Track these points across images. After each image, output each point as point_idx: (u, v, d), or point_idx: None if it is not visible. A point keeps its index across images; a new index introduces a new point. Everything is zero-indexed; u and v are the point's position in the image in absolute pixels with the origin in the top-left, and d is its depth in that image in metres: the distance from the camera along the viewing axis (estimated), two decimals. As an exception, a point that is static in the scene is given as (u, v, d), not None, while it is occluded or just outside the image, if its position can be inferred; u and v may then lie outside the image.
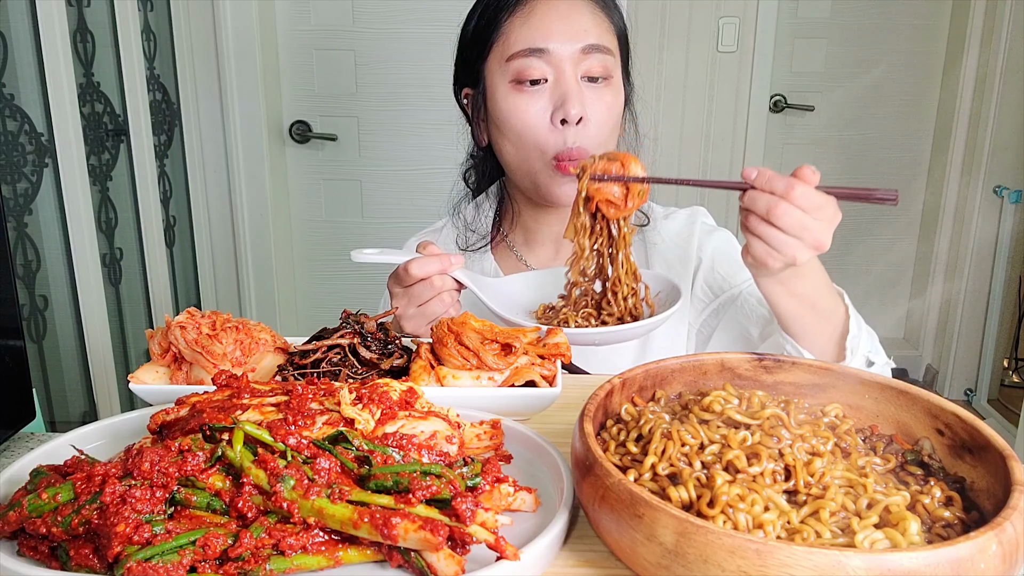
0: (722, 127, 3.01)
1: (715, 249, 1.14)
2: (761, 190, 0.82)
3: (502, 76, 1.06)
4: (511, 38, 1.05)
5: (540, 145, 1.05)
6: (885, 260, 3.37)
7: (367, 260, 0.96)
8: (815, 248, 0.82)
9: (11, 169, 1.74)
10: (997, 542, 0.46)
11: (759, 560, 0.45)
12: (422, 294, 0.95)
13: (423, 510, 0.52)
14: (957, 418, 0.60)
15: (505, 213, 1.23)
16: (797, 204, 0.80)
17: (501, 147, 1.11)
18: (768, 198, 0.81)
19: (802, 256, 0.82)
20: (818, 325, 0.92)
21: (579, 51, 1.03)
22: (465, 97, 1.17)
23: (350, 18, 2.73)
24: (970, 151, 3.04)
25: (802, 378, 0.69)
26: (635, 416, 0.64)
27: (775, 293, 0.91)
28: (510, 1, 1.06)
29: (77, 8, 1.99)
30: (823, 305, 0.92)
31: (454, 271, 0.96)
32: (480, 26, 1.10)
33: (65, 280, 1.93)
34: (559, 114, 1.03)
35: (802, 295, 0.90)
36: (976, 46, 2.96)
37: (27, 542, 0.54)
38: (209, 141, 2.69)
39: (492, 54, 1.08)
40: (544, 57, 1.03)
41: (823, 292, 0.92)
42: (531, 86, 1.04)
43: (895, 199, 0.82)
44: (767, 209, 0.81)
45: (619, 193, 0.91)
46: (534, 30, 1.03)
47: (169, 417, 0.64)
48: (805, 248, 0.82)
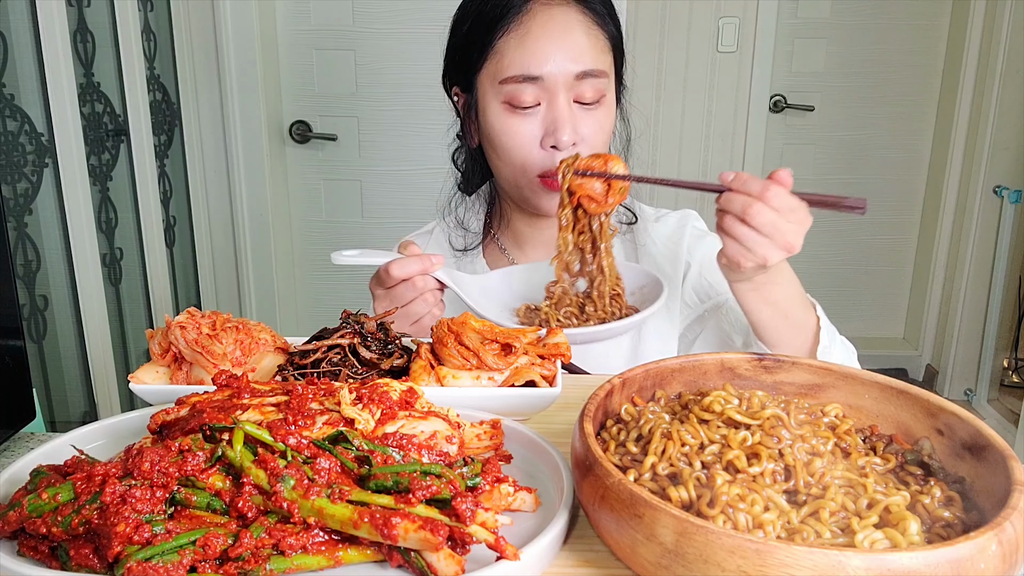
0: (722, 127, 3.02)
1: (704, 255, 1.15)
2: (737, 191, 0.84)
3: (494, 96, 1.06)
4: (505, 60, 1.04)
5: (528, 165, 1.07)
6: (885, 260, 3.38)
7: (348, 262, 0.95)
8: (786, 249, 0.84)
9: (11, 169, 1.74)
10: (997, 542, 0.46)
11: (759, 560, 0.45)
12: (404, 295, 0.95)
13: (423, 510, 0.52)
14: (957, 418, 0.60)
15: (496, 215, 1.23)
16: (771, 205, 0.82)
17: (490, 158, 1.13)
18: (743, 198, 0.83)
19: (773, 257, 0.84)
20: (790, 334, 0.95)
21: (573, 77, 1.03)
22: (455, 95, 1.17)
23: (350, 18, 2.73)
24: (970, 151, 3.04)
25: (802, 378, 0.69)
26: (635, 416, 0.64)
27: (750, 300, 0.93)
28: (506, 17, 1.05)
29: (77, 8, 1.99)
30: (796, 315, 0.95)
31: (435, 271, 0.96)
32: (474, 35, 1.08)
33: (65, 280, 1.93)
34: (550, 140, 1.04)
35: (776, 303, 0.93)
36: (976, 46, 2.96)
37: (27, 542, 0.54)
38: (209, 141, 2.69)
39: (485, 69, 1.07)
40: (538, 83, 1.03)
41: (796, 302, 0.95)
42: (523, 109, 1.04)
43: (863, 208, 0.84)
44: (742, 208, 0.83)
45: (600, 189, 0.95)
46: (529, 55, 1.02)
47: (169, 417, 0.64)
48: (776, 248, 0.84)
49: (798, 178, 0.84)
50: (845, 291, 3.36)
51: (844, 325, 1.07)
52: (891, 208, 3.28)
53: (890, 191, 3.26)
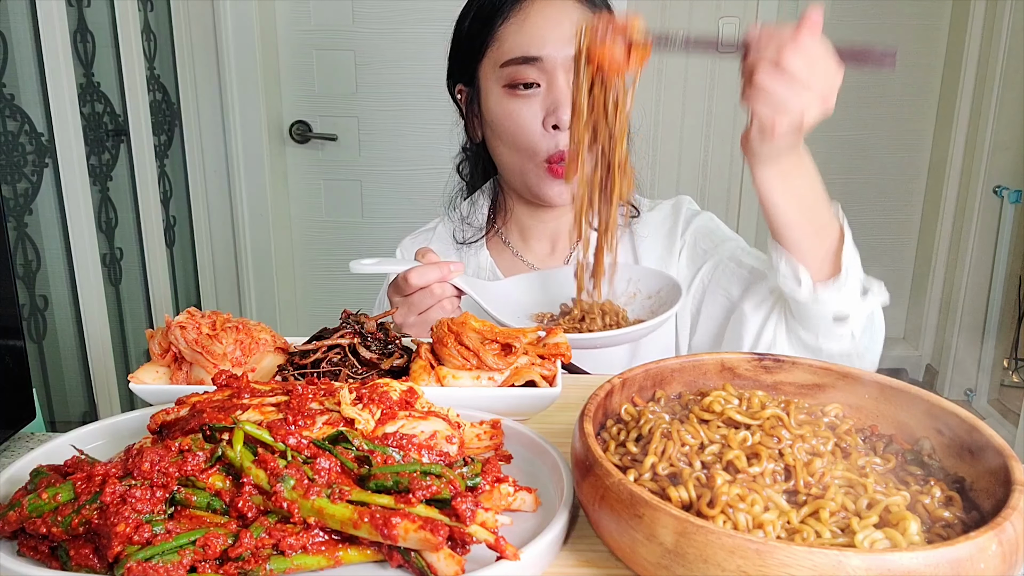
0: (722, 127, 3.01)
1: (696, 228, 1.17)
2: (767, 37, 0.76)
3: (496, 81, 1.09)
4: (505, 44, 1.08)
5: (532, 148, 1.09)
6: (885, 260, 3.37)
7: (366, 271, 0.97)
8: (823, 101, 0.77)
9: (11, 169, 1.74)
10: (997, 542, 0.46)
11: (759, 560, 0.45)
12: (422, 302, 0.97)
13: (423, 510, 0.52)
14: (957, 418, 0.60)
15: (499, 209, 1.25)
16: (805, 47, 0.75)
17: (494, 147, 1.15)
18: (777, 42, 0.75)
19: (811, 111, 0.77)
20: (813, 238, 0.88)
21: (571, 57, 1.03)
22: (459, 93, 1.20)
23: (350, 18, 2.73)
24: (970, 151, 3.04)
25: (802, 378, 0.69)
26: (635, 416, 0.64)
27: (774, 189, 0.85)
28: (505, 6, 1.08)
29: (77, 8, 1.99)
30: (819, 213, 0.88)
31: (454, 278, 0.97)
32: (475, 28, 1.12)
33: (65, 280, 1.93)
34: (551, 119, 1.06)
35: (801, 195, 0.86)
36: (976, 46, 2.96)
37: (27, 542, 0.54)
38: (209, 141, 2.69)
39: (486, 57, 1.11)
40: (537, 64, 1.06)
41: (820, 198, 0.88)
42: (524, 90, 1.07)
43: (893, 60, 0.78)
44: (777, 52, 0.74)
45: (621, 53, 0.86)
46: (528, 37, 1.06)
47: (169, 417, 0.64)
48: (815, 100, 0.76)
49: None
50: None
51: (844, 325, 1.07)
52: (891, 208, 3.28)
53: (890, 191, 3.26)
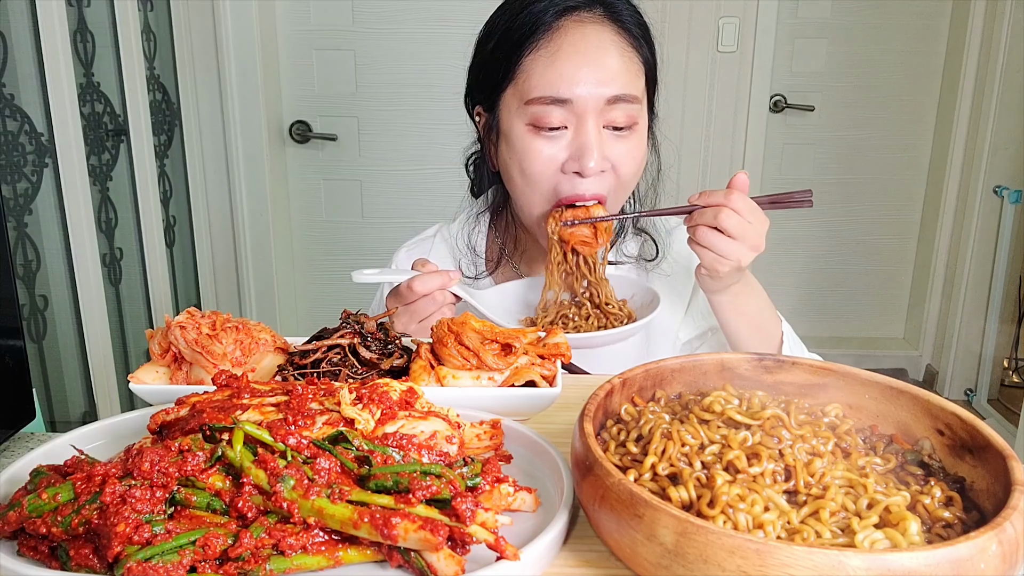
0: (722, 127, 3.01)
1: None
2: (706, 205, 0.93)
3: (519, 116, 1.01)
4: (533, 80, 0.99)
5: (549, 190, 1.03)
6: (885, 260, 3.37)
7: (368, 280, 0.98)
8: (754, 248, 0.93)
9: (11, 169, 1.74)
10: (997, 542, 0.46)
11: (759, 560, 0.45)
12: (424, 309, 0.98)
13: (423, 510, 0.52)
14: (957, 418, 0.60)
15: (508, 240, 1.20)
16: (735, 208, 0.91)
17: (510, 179, 1.07)
18: (712, 208, 0.92)
19: (745, 257, 0.93)
20: (760, 345, 1.04)
21: (604, 102, 0.98)
22: (478, 115, 1.12)
23: (350, 18, 2.73)
24: (970, 151, 3.04)
25: (802, 378, 0.69)
26: (635, 416, 0.64)
27: (727, 312, 1.02)
28: (536, 35, 0.99)
29: (77, 8, 1.99)
30: (765, 326, 1.05)
31: (452, 286, 0.98)
32: (500, 54, 1.03)
33: (65, 280, 1.93)
34: (573, 164, 0.99)
35: (749, 314, 1.03)
36: (976, 46, 2.96)
37: (27, 542, 0.54)
38: (209, 141, 2.69)
39: (510, 88, 1.02)
40: (566, 106, 0.98)
41: (766, 314, 1.05)
42: (548, 132, 0.99)
43: (810, 201, 0.97)
44: (714, 216, 0.92)
45: (589, 233, 1.04)
46: (558, 76, 0.97)
47: (169, 417, 0.64)
48: (747, 248, 0.93)
49: (798, 178, 0.86)
50: (845, 291, 3.35)
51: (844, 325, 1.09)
52: (891, 208, 3.28)
53: (890, 191, 3.26)
